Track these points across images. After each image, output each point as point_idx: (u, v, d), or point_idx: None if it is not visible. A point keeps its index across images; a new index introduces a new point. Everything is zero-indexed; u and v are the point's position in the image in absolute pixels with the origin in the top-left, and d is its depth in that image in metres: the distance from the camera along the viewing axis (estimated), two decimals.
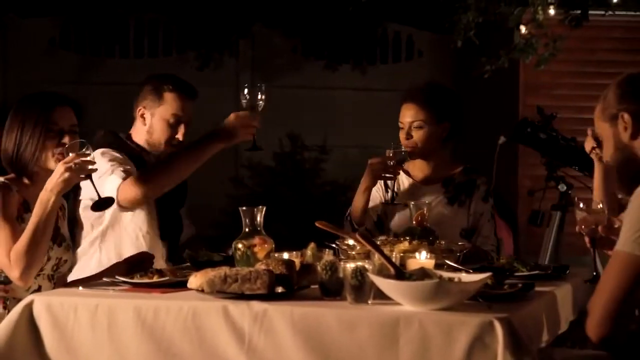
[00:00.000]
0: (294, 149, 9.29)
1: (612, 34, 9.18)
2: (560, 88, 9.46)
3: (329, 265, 2.84)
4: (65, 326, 2.90)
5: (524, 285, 2.89)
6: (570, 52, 8.60)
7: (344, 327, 2.64)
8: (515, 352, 2.47)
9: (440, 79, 10.43)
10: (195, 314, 2.79)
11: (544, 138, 6.88)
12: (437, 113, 4.04)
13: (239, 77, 10.10)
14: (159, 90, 3.90)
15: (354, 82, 10.08)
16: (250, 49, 10.14)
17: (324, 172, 9.43)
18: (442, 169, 4.17)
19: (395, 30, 10.40)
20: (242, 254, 3.21)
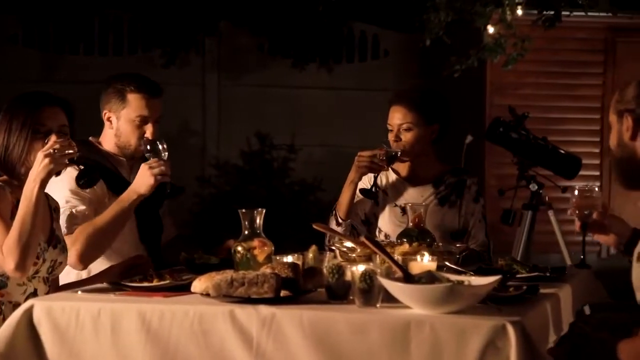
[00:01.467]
0: (262, 147, 9.28)
1: (576, 35, 9.29)
2: (526, 88, 9.57)
3: (335, 268, 2.82)
4: (66, 331, 2.85)
5: (529, 287, 2.91)
6: (535, 53, 8.69)
7: (354, 331, 2.63)
8: (528, 355, 2.47)
9: (407, 78, 10.49)
10: (202, 318, 2.76)
11: (515, 138, 6.94)
12: (427, 115, 4.04)
13: (205, 76, 10.08)
14: (121, 92, 3.80)
15: (320, 81, 10.10)
16: (217, 47, 10.12)
17: (293, 171, 9.43)
18: (432, 170, 4.17)
19: (361, 29, 10.44)
20: (242, 257, 3.18)
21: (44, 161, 3.09)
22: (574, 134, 9.46)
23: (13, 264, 3.10)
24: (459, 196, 4.11)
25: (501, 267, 3.34)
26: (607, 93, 9.91)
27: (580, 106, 9.88)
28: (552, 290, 3.07)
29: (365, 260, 3.18)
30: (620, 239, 3.00)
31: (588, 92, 9.91)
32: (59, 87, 9.80)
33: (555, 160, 6.98)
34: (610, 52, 9.91)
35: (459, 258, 3.36)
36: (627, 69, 9.90)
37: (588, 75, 9.90)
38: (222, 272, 2.90)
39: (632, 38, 9.88)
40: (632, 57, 9.93)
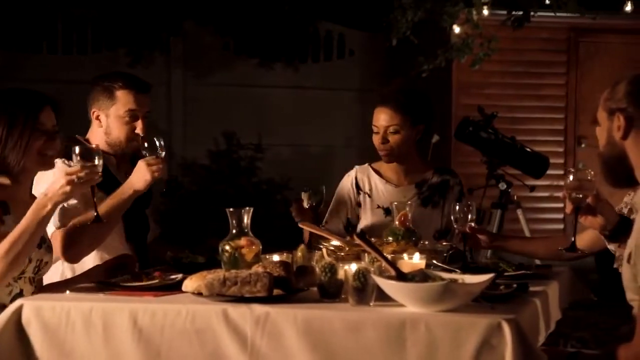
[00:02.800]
0: (229, 147, 9.25)
1: (540, 35, 9.36)
2: (491, 87, 9.64)
3: (328, 267, 2.83)
4: (57, 331, 2.82)
5: (519, 285, 2.93)
6: (500, 53, 8.76)
7: (349, 329, 2.63)
8: (523, 353, 2.48)
9: (372, 77, 10.52)
10: (195, 317, 2.75)
11: (485, 137, 7.00)
12: (412, 116, 4.05)
13: (170, 75, 10.03)
14: (109, 90, 3.80)
15: (286, 80, 10.10)
16: (182, 47, 10.08)
17: (260, 170, 9.42)
18: (415, 170, 4.19)
19: (326, 29, 10.45)
20: (230, 256, 3.17)
21: (65, 187, 3.06)
22: (539, 134, 9.55)
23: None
24: (442, 196, 4.13)
25: (487, 265, 3.37)
26: (571, 93, 10.02)
27: (545, 106, 9.98)
28: (541, 287, 3.10)
29: (354, 258, 3.19)
30: (607, 224, 3.01)
31: (552, 91, 10.01)
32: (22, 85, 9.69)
33: (523, 160, 7.06)
34: (573, 52, 10.02)
35: (446, 256, 3.38)
36: (589, 68, 10.02)
37: (552, 75, 10.00)
38: (214, 271, 2.90)
39: (594, 38, 10.00)
40: (594, 57, 10.05)
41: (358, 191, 4.15)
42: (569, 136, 10.03)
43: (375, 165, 4.27)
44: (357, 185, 4.17)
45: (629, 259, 2.63)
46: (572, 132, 10.02)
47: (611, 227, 3.03)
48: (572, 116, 10.02)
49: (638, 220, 2.69)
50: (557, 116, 10.05)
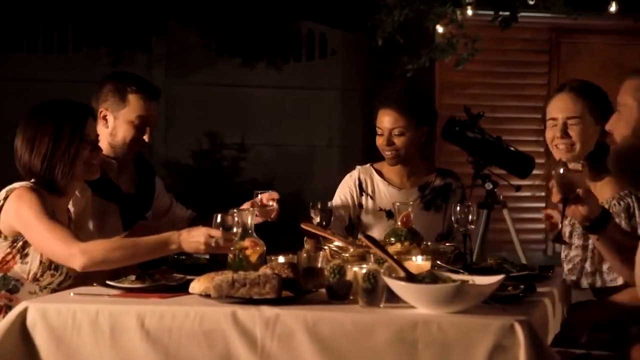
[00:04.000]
0: (213, 147, 9.22)
1: (522, 35, 9.39)
2: (473, 87, 9.66)
3: (337, 268, 2.82)
4: (63, 334, 2.80)
5: (527, 286, 2.93)
6: (483, 53, 8.77)
7: (360, 331, 2.62)
8: (537, 355, 2.49)
9: (354, 77, 10.54)
10: (203, 319, 2.73)
11: (471, 137, 7.00)
12: (417, 118, 4.01)
13: (152, 74, 9.97)
14: (122, 92, 3.75)
15: (268, 80, 10.09)
16: (164, 46, 10.04)
17: (243, 170, 9.39)
18: (418, 173, 4.15)
19: (308, 28, 10.44)
20: (234, 257, 3.16)
21: (200, 246, 3.11)
22: (520, 133, 9.58)
23: (82, 264, 3.12)
24: (444, 200, 4.10)
25: (491, 266, 3.37)
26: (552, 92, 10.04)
27: (526, 105, 10.00)
28: (547, 288, 3.10)
29: (359, 260, 3.18)
30: (589, 215, 2.99)
31: (533, 91, 10.04)
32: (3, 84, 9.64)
33: (509, 160, 7.06)
34: (555, 53, 10.06)
35: (450, 257, 3.38)
36: (570, 68, 10.06)
37: (533, 75, 10.04)
38: (221, 273, 2.88)
39: (575, 39, 10.04)
40: (575, 57, 10.10)
41: (361, 192, 4.12)
42: None
43: (377, 165, 4.23)
44: (360, 186, 4.14)
45: None
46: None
47: (593, 217, 3.00)
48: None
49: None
50: (539, 116, 10.03)
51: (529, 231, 9.55)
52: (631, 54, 10.14)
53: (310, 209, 3.66)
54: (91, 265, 3.12)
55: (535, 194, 9.88)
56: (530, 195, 9.67)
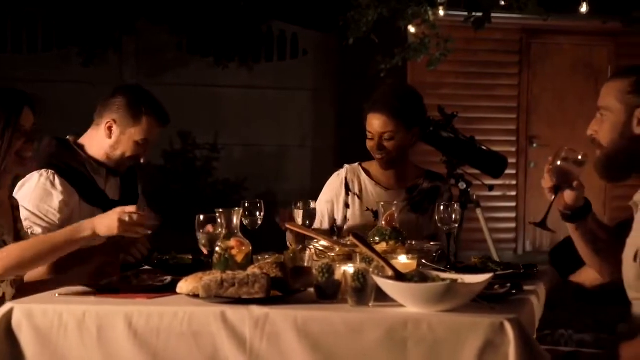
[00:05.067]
0: (185, 147, 9.19)
1: (493, 36, 9.44)
2: (445, 87, 9.69)
3: (325, 268, 2.81)
4: (49, 335, 2.77)
5: (513, 285, 2.94)
6: (454, 53, 8.81)
7: (350, 330, 2.61)
8: (527, 353, 2.49)
9: (325, 77, 10.55)
10: (192, 319, 2.71)
11: (445, 137, 7.04)
12: (407, 121, 3.97)
13: (122, 74, 9.94)
14: (136, 111, 3.70)
15: (240, 79, 10.08)
16: (134, 45, 9.99)
17: (216, 170, 9.37)
18: (407, 174, 4.14)
19: (280, 28, 10.43)
20: (220, 257, 3.14)
21: (114, 223, 3.05)
22: (492, 133, 9.63)
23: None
24: (432, 202, 4.07)
25: (475, 265, 3.38)
26: (523, 93, 10.12)
27: (498, 106, 10.07)
28: (532, 287, 3.11)
29: (345, 259, 3.18)
30: (574, 205, 3.00)
31: (505, 92, 10.11)
32: None
33: (483, 159, 7.11)
34: (525, 53, 10.13)
35: (435, 256, 3.38)
36: (540, 69, 10.14)
37: (504, 75, 10.10)
38: (209, 273, 2.87)
39: (545, 40, 10.11)
40: (545, 58, 10.17)
41: (347, 192, 4.11)
42: (521, 136, 10.13)
43: (366, 165, 4.20)
44: (347, 186, 4.12)
45: (635, 257, 2.65)
46: (524, 132, 10.12)
47: (575, 206, 3.02)
48: (524, 116, 10.13)
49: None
50: (510, 116, 10.14)
51: (499, 230, 9.61)
52: (600, 55, 10.24)
53: (293, 209, 3.64)
54: (6, 271, 3.05)
55: (506, 194, 9.96)
56: (501, 195, 9.73)
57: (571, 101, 10.17)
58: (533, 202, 10.19)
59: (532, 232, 10.23)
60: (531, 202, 10.18)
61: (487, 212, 9.11)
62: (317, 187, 10.86)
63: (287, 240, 3.80)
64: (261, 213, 3.55)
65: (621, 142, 2.76)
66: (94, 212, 3.66)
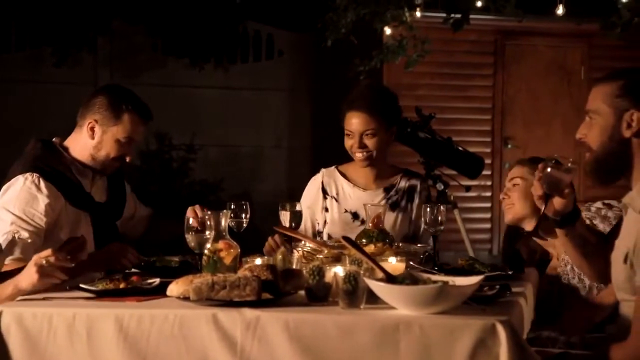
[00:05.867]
0: (161, 148, 9.15)
1: (468, 37, 9.49)
2: (420, 88, 9.72)
3: (316, 270, 2.82)
4: (38, 338, 2.76)
5: (502, 287, 2.96)
6: (430, 55, 8.82)
7: (342, 332, 2.62)
8: (518, 354, 2.51)
9: (301, 78, 10.55)
10: (182, 322, 2.71)
11: (423, 137, 7.07)
12: (387, 119, 3.98)
13: (97, 75, 9.90)
14: (117, 109, 3.67)
15: (216, 80, 10.06)
16: (109, 46, 9.94)
17: (192, 171, 9.35)
18: (384, 174, 4.15)
19: (255, 29, 10.42)
20: (209, 259, 3.14)
21: (33, 275, 2.90)
22: (467, 134, 9.66)
23: None
24: (409, 201, 4.09)
25: (462, 266, 3.40)
26: (497, 94, 10.17)
27: (472, 107, 10.11)
28: (520, 288, 3.13)
29: (333, 261, 3.18)
30: (563, 211, 3.03)
31: (479, 93, 10.15)
32: None
33: (460, 160, 7.14)
34: (500, 55, 10.17)
35: (422, 258, 3.40)
36: (515, 70, 10.19)
37: (479, 76, 10.14)
38: (200, 276, 2.87)
39: (519, 41, 10.17)
40: (520, 59, 10.22)
41: (325, 195, 4.10)
42: (496, 137, 10.18)
43: (342, 167, 4.20)
44: (324, 190, 4.12)
45: (625, 259, 2.68)
46: (499, 132, 10.17)
47: (564, 212, 3.05)
48: (498, 117, 10.18)
49: (631, 222, 2.73)
50: (485, 117, 10.19)
51: (475, 231, 9.64)
52: (573, 56, 10.31)
53: (280, 211, 3.64)
54: None
55: (481, 194, 10.00)
56: (477, 196, 9.77)
57: (545, 102, 10.23)
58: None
59: None
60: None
61: (462, 213, 9.16)
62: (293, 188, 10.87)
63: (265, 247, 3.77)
64: (247, 215, 3.55)
65: (610, 145, 2.78)
66: (80, 216, 3.66)
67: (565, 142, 10.18)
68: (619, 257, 2.73)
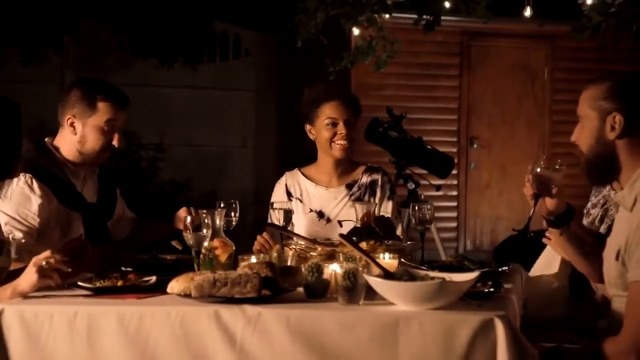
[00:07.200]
0: (130, 147, 9.13)
1: (435, 38, 9.56)
2: (388, 89, 9.78)
3: (314, 267, 2.87)
4: (39, 336, 2.79)
5: (494, 283, 3.03)
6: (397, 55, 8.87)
7: (343, 328, 2.67)
8: (516, 348, 2.58)
9: (268, 78, 10.57)
10: (184, 319, 2.75)
11: (394, 137, 7.14)
12: (357, 112, 4.14)
13: (63, 74, 9.84)
14: (90, 99, 3.70)
15: (183, 80, 10.04)
16: (76, 45, 9.89)
17: (161, 171, 9.33)
18: (347, 170, 4.22)
19: (222, 29, 10.42)
20: (204, 257, 3.17)
21: (33, 276, 2.90)
22: (433, 134, 9.73)
23: None
24: (372, 195, 4.16)
25: (451, 263, 3.46)
26: (463, 94, 10.27)
27: (439, 107, 10.19)
28: (510, 285, 3.20)
29: (326, 258, 3.23)
30: (556, 211, 3.10)
31: (446, 93, 10.24)
32: None
33: (430, 160, 7.23)
34: (466, 55, 10.27)
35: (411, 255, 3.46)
36: (481, 71, 10.29)
37: (445, 77, 10.22)
38: (200, 273, 2.91)
39: (484, 42, 10.27)
40: (485, 59, 10.32)
41: (290, 197, 4.16)
42: (462, 137, 10.28)
43: (305, 169, 4.28)
44: (288, 192, 4.18)
45: (616, 256, 2.75)
46: (465, 132, 10.27)
47: (558, 213, 3.12)
48: (464, 117, 10.28)
49: (622, 220, 2.81)
50: (451, 117, 10.28)
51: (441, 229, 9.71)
52: (537, 57, 10.43)
53: (270, 210, 3.69)
54: None
55: (447, 193, 10.10)
56: (443, 195, 9.86)
57: (510, 102, 10.35)
58: (473, 202, 10.35)
59: (472, 231, 10.39)
60: (471, 202, 10.34)
61: None
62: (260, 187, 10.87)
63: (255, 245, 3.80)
64: (236, 214, 3.59)
65: (597, 148, 2.86)
66: (72, 216, 3.67)
67: (529, 141, 10.32)
68: (610, 254, 2.80)
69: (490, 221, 10.39)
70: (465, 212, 10.34)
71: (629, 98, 2.80)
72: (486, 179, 10.36)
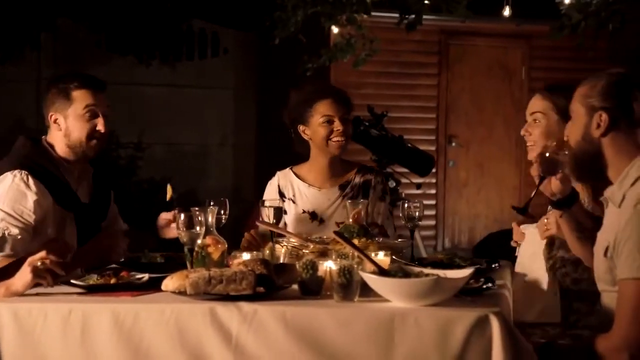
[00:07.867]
0: (108, 146, 9.08)
1: (414, 37, 9.58)
2: (367, 87, 9.80)
3: (309, 264, 2.87)
4: (32, 334, 2.78)
5: (486, 279, 3.04)
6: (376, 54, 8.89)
7: (339, 324, 2.68)
8: (511, 344, 2.59)
9: (247, 76, 10.57)
10: (179, 316, 2.75)
11: (376, 136, 7.17)
12: (351, 105, 4.13)
13: (41, 72, 9.79)
14: (65, 91, 3.70)
15: (161, 78, 10.02)
16: (53, 43, 9.84)
17: (140, 169, 9.30)
18: (339, 171, 4.19)
19: (200, 27, 10.40)
20: (197, 255, 3.17)
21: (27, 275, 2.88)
22: (412, 132, 9.74)
23: None
24: (365, 196, 4.12)
25: (441, 260, 3.48)
26: (442, 93, 10.31)
27: (418, 105, 10.22)
28: (502, 281, 3.23)
29: (319, 256, 3.23)
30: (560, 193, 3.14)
31: (424, 92, 10.27)
32: None
33: (411, 158, 7.27)
34: (444, 54, 10.30)
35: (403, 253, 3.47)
36: (458, 70, 10.34)
37: (424, 75, 10.26)
38: (195, 270, 2.90)
39: (462, 41, 10.31)
40: (463, 58, 10.37)
41: (282, 198, 4.13)
42: (440, 135, 10.32)
43: (296, 169, 4.23)
44: (281, 192, 4.16)
45: (605, 252, 2.77)
46: (443, 131, 10.31)
47: (561, 195, 3.15)
48: (443, 115, 10.32)
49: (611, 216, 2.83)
50: (429, 116, 10.31)
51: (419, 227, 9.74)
52: (514, 56, 10.49)
53: (261, 207, 3.68)
54: None
55: (426, 192, 10.12)
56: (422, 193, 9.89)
57: (487, 101, 10.40)
58: (452, 200, 10.39)
59: (450, 229, 10.43)
60: (450, 200, 10.38)
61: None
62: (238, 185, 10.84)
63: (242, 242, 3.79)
64: (226, 211, 3.59)
65: (584, 145, 2.89)
66: (67, 216, 3.65)
67: (507, 140, 10.38)
68: (599, 250, 2.83)
69: (469, 219, 10.44)
70: (444, 210, 10.38)
71: (616, 97, 2.83)
72: (464, 177, 10.41)
